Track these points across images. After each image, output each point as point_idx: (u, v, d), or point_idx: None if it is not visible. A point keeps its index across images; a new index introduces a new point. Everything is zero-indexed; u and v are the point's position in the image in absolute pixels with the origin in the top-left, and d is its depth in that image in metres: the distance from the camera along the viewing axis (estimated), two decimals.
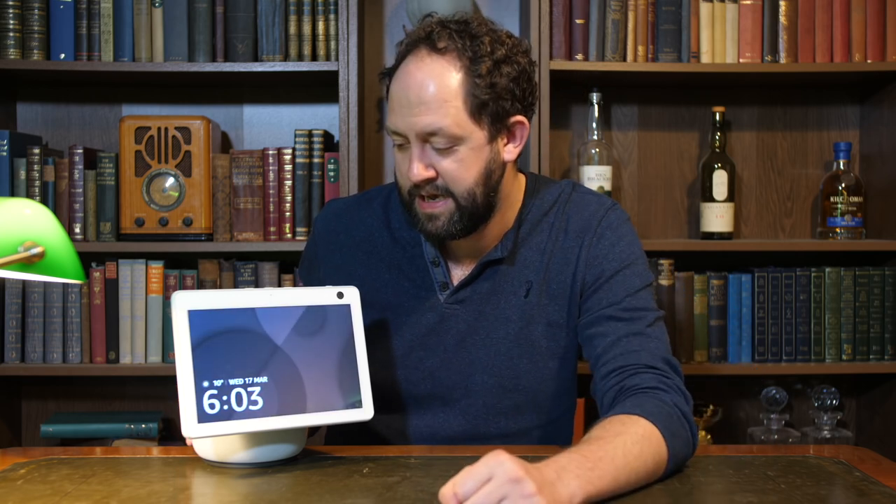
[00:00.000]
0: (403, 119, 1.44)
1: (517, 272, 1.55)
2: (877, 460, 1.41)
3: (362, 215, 1.63)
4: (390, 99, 1.47)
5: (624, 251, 1.54)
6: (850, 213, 2.55)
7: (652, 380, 1.41)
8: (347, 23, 2.37)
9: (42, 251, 1.31)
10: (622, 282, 1.52)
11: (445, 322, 1.54)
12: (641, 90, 2.69)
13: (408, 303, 1.56)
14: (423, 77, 1.43)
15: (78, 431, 2.43)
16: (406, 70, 1.45)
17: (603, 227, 1.55)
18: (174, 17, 2.40)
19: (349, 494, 1.22)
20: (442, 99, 1.42)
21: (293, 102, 2.65)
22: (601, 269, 1.53)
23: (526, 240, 1.56)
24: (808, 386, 2.65)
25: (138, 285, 2.42)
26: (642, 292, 1.52)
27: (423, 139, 1.44)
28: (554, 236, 1.56)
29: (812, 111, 2.71)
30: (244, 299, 1.33)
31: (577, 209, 1.58)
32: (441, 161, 1.44)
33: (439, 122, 1.42)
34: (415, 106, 1.42)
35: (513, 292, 1.54)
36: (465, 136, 1.44)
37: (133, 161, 2.39)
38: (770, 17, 2.47)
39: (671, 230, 2.70)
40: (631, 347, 1.46)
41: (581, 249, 1.54)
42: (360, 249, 1.60)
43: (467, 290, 1.55)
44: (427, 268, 1.56)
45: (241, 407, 1.29)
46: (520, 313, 1.54)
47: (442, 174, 1.45)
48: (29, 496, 1.21)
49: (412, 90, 1.43)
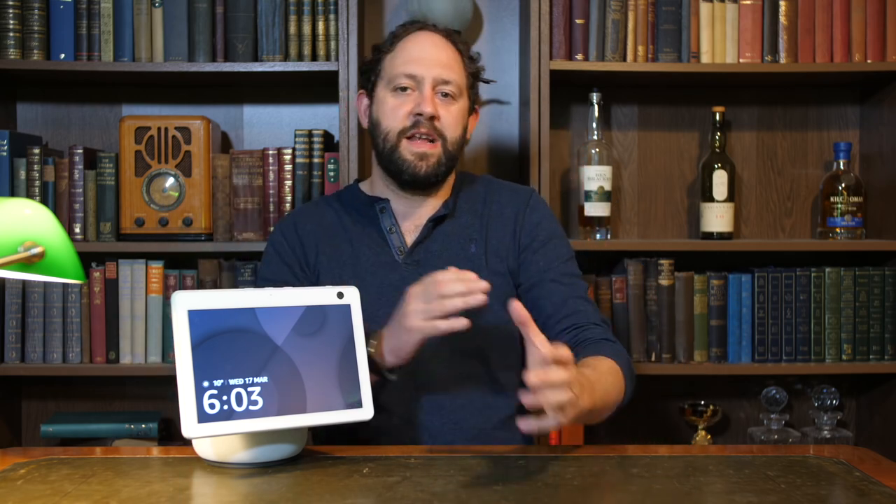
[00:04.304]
0: (423, 66, 1.75)
1: (461, 230, 1.81)
2: (877, 460, 1.41)
3: (322, 211, 1.87)
4: (403, 53, 1.77)
5: (552, 224, 1.84)
6: (850, 213, 2.55)
7: (602, 333, 1.71)
8: (347, 23, 2.37)
9: (42, 251, 1.31)
10: (554, 249, 1.80)
11: (406, 280, 1.69)
12: (641, 90, 2.69)
13: (371, 269, 1.77)
14: (440, 43, 1.79)
15: (78, 431, 2.43)
16: (422, 35, 1.80)
17: (534, 202, 1.85)
18: (174, 17, 2.40)
19: (349, 494, 1.22)
20: (455, 61, 1.79)
21: (293, 102, 2.65)
22: (535, 234, 1.81)
23: (463, 205, 1.84)
24: (808, 386, 2.65)
25: (138, 285, 2.42)
26: (571, 262, 1.81)
27: (435, 85, 1.75)
28: (489, 204, 1.84)
29: (812, 111, 2.71)
30: (244, 299, 1.33)
31: (506, 189, 1.88)
32: (443, 108, 1.76)
33: (453, 75, 1.77)
34: (435, 58, 1.76)
35: (460, 247, 1.79)
36: (462, 96, 1.80)
37: (133, 161, 2.39)
38: (770, 17, 2.47)
39: (671, 230, 2.70)
40: (577, 307, 1.74)
41: (517, 216, 1.82)
42: (325, 233, 1.82)
43: (420, 249, 1.78)
44: (384, 237, 1.79)
45: (241, 407, 1.29)
46: (469, 265, 1.70)
47: (443, 117, 1.75)
48: (29, 496, 1.21)
49: (432, 48, 1.77)
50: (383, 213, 1.81)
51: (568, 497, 1.25)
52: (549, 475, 1.30)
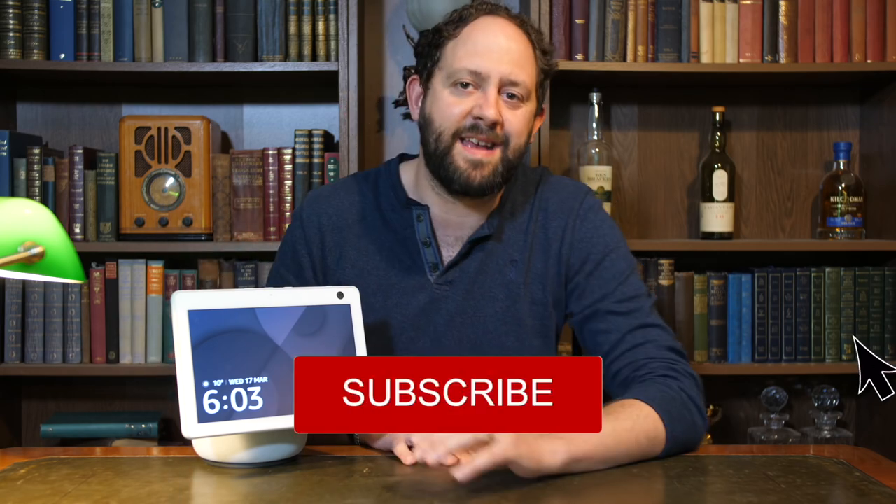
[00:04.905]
0: (490, 62, 1.51)
1: (503, 250, 1.60)
2: (877, 460, 1.41)
3: (351, 199, 1.65)
4: (468, 43, 1.54)
5: (607, 234, 1.61)
6: (850, 213, 2.55)
7: (661, 368, 1.48)
8: (347, 23, 2.37)
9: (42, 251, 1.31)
10: (609, 268, 1.58)
11: (436, 303, 1.58)
12: (641, 90, 2.68)
13: (399, 284, 1.60)
14: (512, 34, 1.55)
15: (78, 431, 2.43)
16: (493, 23, 1.55)
17: (585, 209, 1.63)
18: (174, 17, 2.40)
19: (349, 494, 1.22)
20: (527, 57, 1.55)
21: (293, 102, 2.65)
22: (586, 254, 1.59)
23: (509, 219, 1.62)
24: (808, 386, 2.65)
25: (138, 285, 2.42)
26: (632, 277, 1.59)
27: (501, 86, 1.53)
28: (535, 216, 1.62)
29: (812, 111, 2.71)
30: (244, 299, 1.33)
31: (555, 190, 1.65)
32: (508, 111, 1.53)
33: (523, 76, 1.54)
34: (504, 53, 1.52)
35: (498, 271, 1.59)
36: (531, 98, 1.57)
37: (133, 161, 2.39)
38: (770, 17, 2.47)
39: (671, 230, 2.70)
40: (635, 341, 1.52)
41: (564, 232, 1.61)
42: (351, 232, 1.63)
43: (456, 270, 1.59)
44: (418, 249, 1.60)
45: (241, 407, 1.29)
46: (506, 291, 1.58)
47: (507, 122, 1.53)
48: (29, 496, 1.21)
49: (502, 40, 1.53)
50: (420, 222, 1.60)
51: (568, 497, 1.24)
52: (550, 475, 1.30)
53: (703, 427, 1.43)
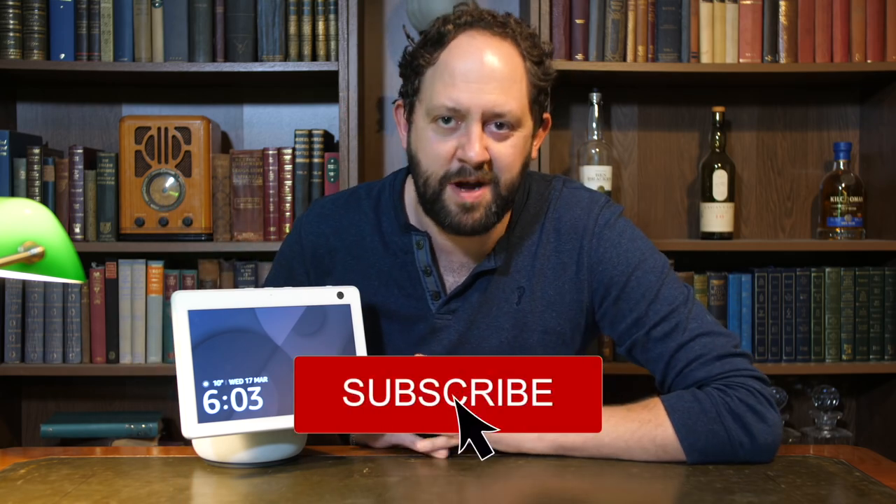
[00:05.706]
0: (470, 94, 1.36)
1: (509, 280, 1.51)
2: (877, 460, 1.41)
3: (352, 218, 1.57)
4: (444, 74, 1.39)
5: (628, 250, 1.49)
6: (850, 213, 2.55)
7: (711, 390, 1.39)
8: (347, 23, 2.37)
9: (42, 251, 1.31)
10: (637, 287, 1.46)
11: (437, 333, 1.52)
12: (641, 90, 2.68)
13: (398, 312, 1.52)
14: (494, 53, 1.38)
15: (78, 431, 2.43)
16: (471, 44, 1.39)
17: (600, 227, 1.50)
18: (174, 17, 2.40)
19: (349, 494, 1.22)
20: (513, 79, 1.39)
21: (293, 102, 2.65)
22: (610, 278, 1.48)
23: (517, 245, 1.52)
24: (808, 386, 2.65)
25: (138, 285, 2.42)
26: (663, 289, 1.46)
27: (485, 119, 1.38)
28: (545, 238, 1.51)
29: (812, 111, 2.71)
30: (244, 299, 1.33)
31: (568, 207, 1.52)
32: (496, 145, 1.40)
33: (509, 104, 1.38)
34: (486, 82, 1.37)
35: (504, 300, 1.51)
36: (523, 123, 1.42)
37: (133, 161, 2.39)
38: (770, 17, 2.47)
39: (671, 230, 2.70)
40: (678, 366, 1.43)
41: (580, 254, 1.50)
42: (349, 254, 1.55)
43: (459, 300, 1.51)
44: (418, 276, 1.51)
45: (241, 407, 1.29)
46: (512, 321, 1.51)
47: (496, 159, 1.40)
48: (29, 496, 1.21)
49: (483, 65, 1.37)
50: (420, 249, 1.51)
51: (568, 497, 1.25)
52: (550, 475, 1.30)
53: (744, 440, 1.34)
